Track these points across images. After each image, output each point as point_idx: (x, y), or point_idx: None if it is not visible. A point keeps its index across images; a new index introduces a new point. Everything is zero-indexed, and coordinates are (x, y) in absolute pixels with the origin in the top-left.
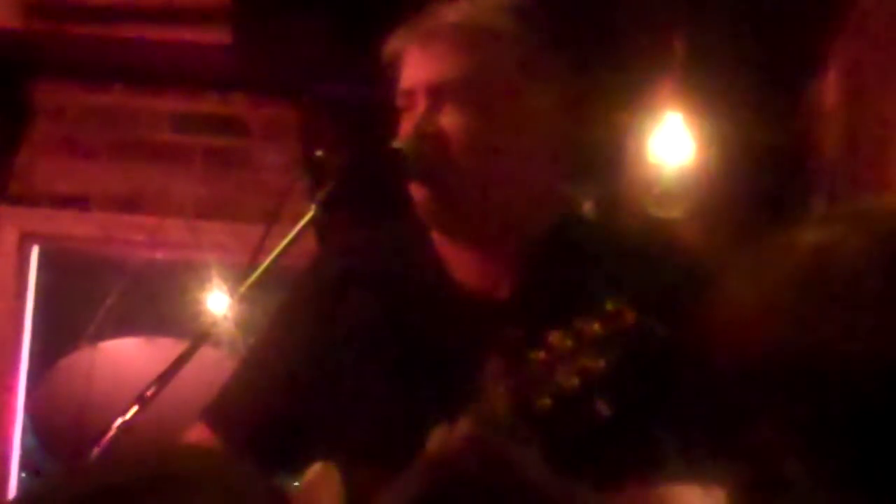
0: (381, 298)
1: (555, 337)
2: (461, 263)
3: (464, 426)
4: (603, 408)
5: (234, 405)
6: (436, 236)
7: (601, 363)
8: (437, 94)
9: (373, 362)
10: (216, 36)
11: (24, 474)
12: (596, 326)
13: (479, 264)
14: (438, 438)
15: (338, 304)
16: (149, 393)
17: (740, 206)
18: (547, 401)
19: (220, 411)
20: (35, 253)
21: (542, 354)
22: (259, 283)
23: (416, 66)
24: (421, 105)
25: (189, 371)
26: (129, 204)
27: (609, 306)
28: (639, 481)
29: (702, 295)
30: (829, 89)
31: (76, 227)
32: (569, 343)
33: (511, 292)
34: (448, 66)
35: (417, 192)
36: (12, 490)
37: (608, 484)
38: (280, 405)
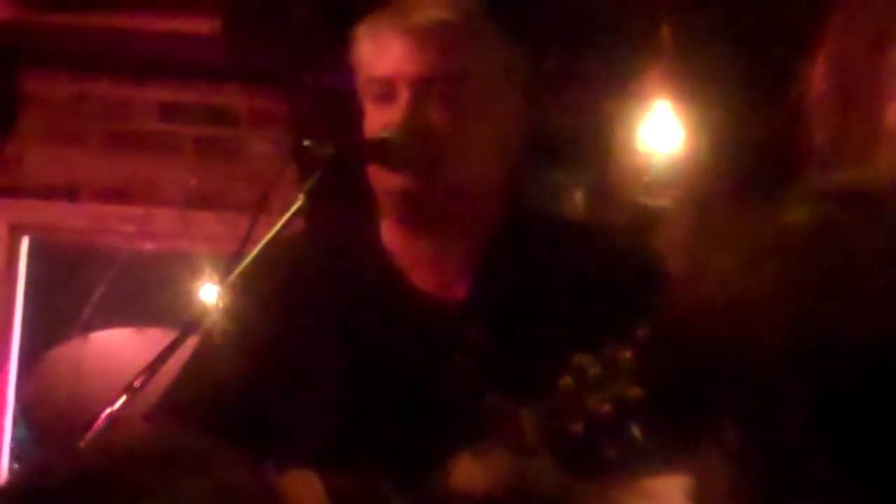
0: (334, 298)
1: (581, 362)
2: (418, 264)
3: (494, 457)
4: (637, 433)
5: (179, 408)
6: (392, 235)
7: (637, 391)
8: (425, 87)
9: (329, 365)
10: (205, 25)
11: (15, 465)
12: (627, 353)
13: (437, 264)
14: (472, 468)
15: (293, 305)
16: (137, 383)
17: (729, 194)
18: (579, 427)
19: (165, 413)
20: (25, 244)
21: (569, 380)
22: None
23: (402, 56)
24: (403, 96)
25: (178, 361)
26: (119, 194)
27: (639, 332)
28: (617, 475)
29: (671, 287)
30: (818, 76)
31: (66, 217)
32: (598, 369)
33: (467, 292)
34: (439, 60)
35: (395, 183)
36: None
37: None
38: (232, 407)
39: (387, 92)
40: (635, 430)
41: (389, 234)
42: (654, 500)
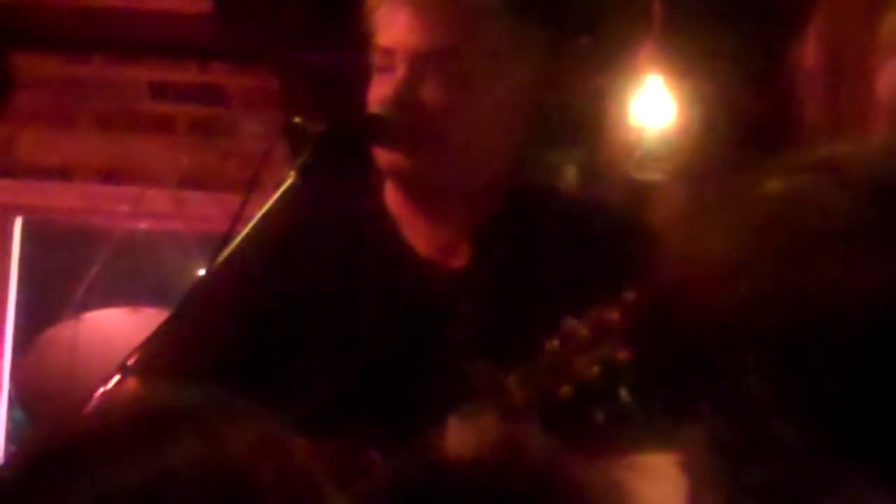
0: (333, 263)
1: (569, 326)
2: (418, 231)
3: (484, 420)
4: (625, 396)
5: (170, 361)
6: (393, 202)
7: (625, 354)
8: (421, 61)
9: (325, 328)
10: (195, 4)
11: (12, 447)
12: (615, 316)
13: (438, 232)
14: (460, 432)
15: (289, 267)
16: (130, 362)
17: (722, 167)
18: (567, 389)
19: (154, 366)
20: (18, 225)
21: (556, 343)
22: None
23: (403, 29)
24: (401, 69)
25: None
26: (112, 174)
27: (627, 296)
28: (606, 450)
29: (659, 258)
30: (810, 51)
31: (59, 198)
32: (585, 332)
33: (467, 262)
34: (437, 36)
35: (389, 157)
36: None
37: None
38: (221, 365)
39: (388, 64)
40: (624, 394)
41: (392, 198)
42: (647, 475)
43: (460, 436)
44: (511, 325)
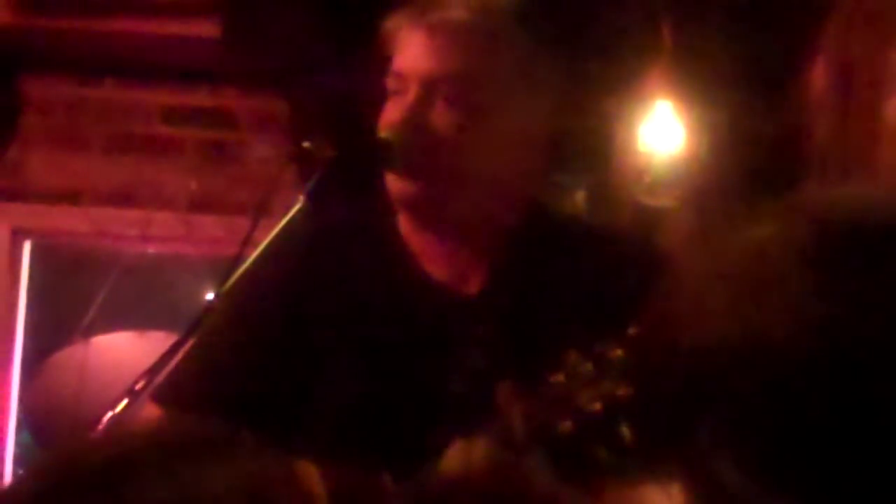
0: (347, 288)
1: (573, 359)
2: (432, 255)
3: (481, 446)
4: (626, 433)
5: (187, 387)
6: (406, 226)
7: (628, 390)
8: (432, 86)
9: (339, 353)
10: (205, 29)
11: (20, 471)
12: (619, 352)
13: (451, 257)
14: (455, 457)
15: (303, 292)
16: (138, 386)
17: (731, 193)
18: (568, 424)
19: (172, 392)
20: (27, 248)
21: (560, 377)
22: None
23: (416, 53)
24: (412, 93)
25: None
26: (121, 198)
27: (632, 330)
28: (606, 486)
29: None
30: (819, 75)
31: (68, 221)
32: (589, 367)
33: (481, 288)
34: (449, 62)
35: (398, 182)
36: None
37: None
38: (237, 391)
39: (401, 88)
40: (625, 431)
41: (404, 224)
42: None
43: (457, 462)
44: (526, 352)
